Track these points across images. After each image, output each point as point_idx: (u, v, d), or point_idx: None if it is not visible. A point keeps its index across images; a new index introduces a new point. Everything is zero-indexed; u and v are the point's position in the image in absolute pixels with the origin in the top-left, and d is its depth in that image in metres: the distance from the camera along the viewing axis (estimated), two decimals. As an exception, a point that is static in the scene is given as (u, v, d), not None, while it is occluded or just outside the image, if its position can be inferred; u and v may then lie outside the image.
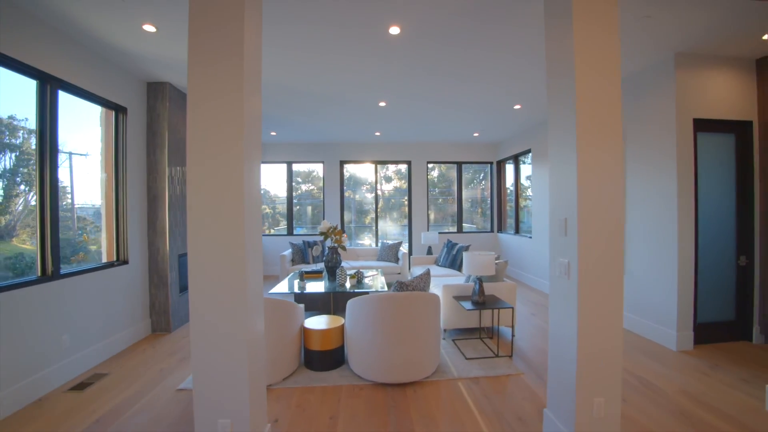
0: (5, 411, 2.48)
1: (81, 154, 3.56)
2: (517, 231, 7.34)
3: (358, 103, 5.09)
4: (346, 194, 8.30)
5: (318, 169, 8.38)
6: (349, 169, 8.34)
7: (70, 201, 3.48)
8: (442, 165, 8.52)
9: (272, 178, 8.31)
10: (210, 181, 1.81)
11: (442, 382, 2.97)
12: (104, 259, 3.74)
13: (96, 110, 3.66)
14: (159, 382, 3.00)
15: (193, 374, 1.81)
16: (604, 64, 1.96)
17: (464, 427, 2.36)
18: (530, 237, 6.63)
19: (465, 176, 8.65)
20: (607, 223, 1.93)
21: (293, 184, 8.25)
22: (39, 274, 2.89)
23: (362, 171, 8.40)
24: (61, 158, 3.15)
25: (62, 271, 3.05)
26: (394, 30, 3.03)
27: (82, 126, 3.52)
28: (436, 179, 8.75)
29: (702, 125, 3.66)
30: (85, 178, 3.58)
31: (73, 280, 3.14)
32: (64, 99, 3.13)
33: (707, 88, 3.64)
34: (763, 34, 3.18)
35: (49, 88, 2.93)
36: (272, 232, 8.29)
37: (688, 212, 3.59)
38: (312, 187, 8.69)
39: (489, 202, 8.52)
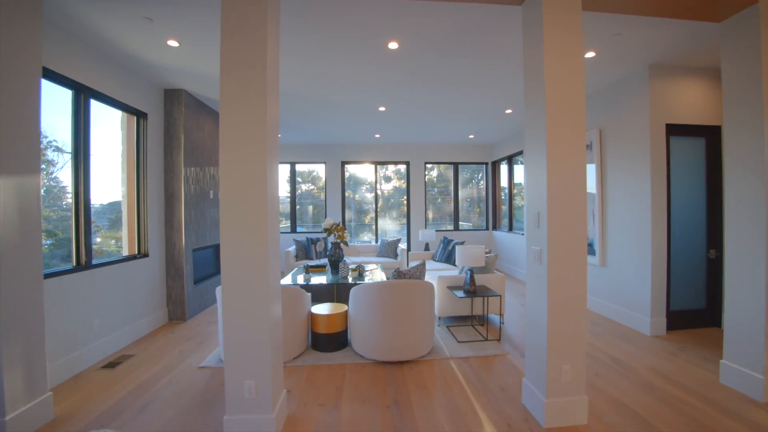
0: (49, 384, 2.80)
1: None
2: (510, 228, 7.68)
3: (359, 108, 5.43)
4: (347, 194, 8.63)
5: (318, 169, 8.72)
6: (350, 170, 8.68)
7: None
8: (441, 165, 8.86)
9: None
10: (238, 179, 2.14)
11: (436, 360, 3.31)
12: (125, 253, 4.07)
13: (114, 115, 3.97)
14: (181, 362, 3.34)
15: (224, 344, 2.15)
16: (570, 75, 2.30)
17: (454, 395, 2.70)
18: (523, 234, 6.97)
19: (464, 176, 9.00)
20: (571, 217, 2.27)
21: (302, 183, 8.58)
22: (74, 264, 3.23)
23: (362, 171, 8.73)
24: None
25: (93, 262, 3.39)
26: (393, 45, 3.37)
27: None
28: (435, 179, 9.09)
29: (674, 130, 4.00)
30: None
31: (102, 270, 3.47)
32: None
33: (679, 96, 3.98)
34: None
35: (82, 97, 3.27)
36: (276, 229, 8.59)
37: (661, 209, 3.94)
38: (312, 187, 9.02)
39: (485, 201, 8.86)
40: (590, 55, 3.64)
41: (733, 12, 2.74)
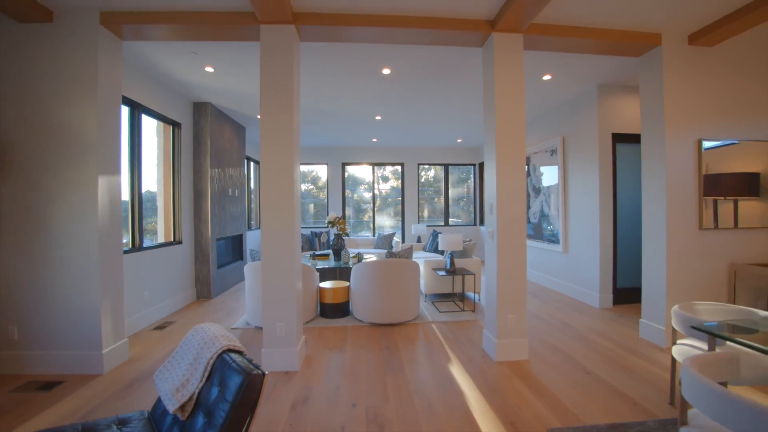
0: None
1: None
2: (494, 224, 8.49)
3: (358, 117, 6.24)
4: (346, 193, 9.44)
5: (317, 169, 9.54)
6: (349, 170, 9.48)
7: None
8: (437, 167, 9.67)
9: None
10: (274, 174, 2.94)
11: (420, 324, 4.13)
12: (161, 240, 4.85)
13: (150, 124, 4.76)
14: (226, 320, 4.13)
15: (263, 297, 2.95)
16: (514, 97, 3.11)
17: (431, 343, 3.52)
18: (504, 228, 7.80)
19: (461, 176, 9.78)
20: (515, 207, 3.09)
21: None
22: (131, 246, 4.03)
23: (361, 172, 9.54)
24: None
25: (144, 246, 4.19)
26: (386, 71, 4.19)
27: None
28: (432, 180, 9.89)
29: (619, 138, 4.83)
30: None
31: (149, 252, 4.27)
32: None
33: (623, 110, 4.81)
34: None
35: (136, 112, 4.07)
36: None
37: (608, 204, 4.77)
38: (311, 187, 9.82)
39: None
40: (547, 78, 4.47)
41: (646, 50, 3.56)
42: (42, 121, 2.92)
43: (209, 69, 4.12)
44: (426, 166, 9.60)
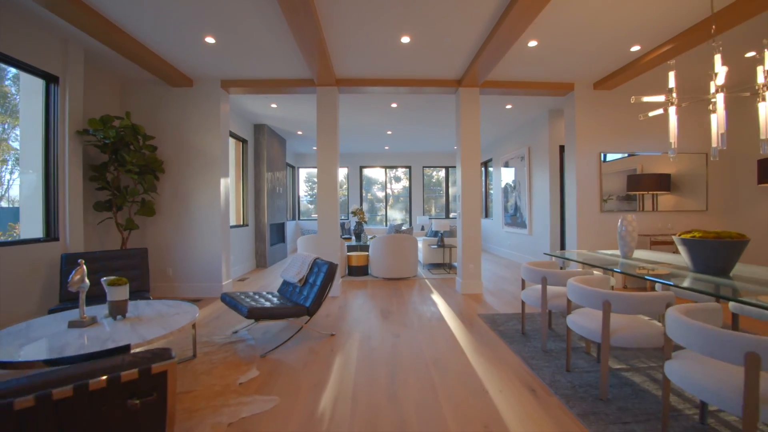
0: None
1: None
2: (486, 216, 10.27)
3: (373, 132, 8.13)
4: (362, 192, 11.33)
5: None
6: (365, 172, 11.38)
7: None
8: (442, 168, 11.47)
9: (302, 182, 11.42)
10: (325, 173, 4.85)
11: (417, 279, 5.99)
12: (233, 223, 6.81)
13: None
14: (275, 280, 6.09)
15: (317, 251, 4.86)
16: (472, 126, 4.94)
17: (422, 288, 5.38)
18: (491, 219, 9.57)
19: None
20: (473, 196, 4.91)
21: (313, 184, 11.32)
22: (222, 225, 6.00)
23: (375, 174, 11.43)
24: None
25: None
26: (394, 105, 6.07)
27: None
28: (441, 179, 11.68)
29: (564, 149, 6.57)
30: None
31: (232, 230, 6.25)
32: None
33: (568, 128, 6.55)
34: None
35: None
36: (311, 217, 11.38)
37: (556, 197, 6.52)
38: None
39: (469, 196, 11.44)
40: (509, 106, 6.27)
41: (566, 93, 5.33)
42: (186, 145, 4.90)
43: (274, 106, 6.07)
44: (436, 168, 11.43)
